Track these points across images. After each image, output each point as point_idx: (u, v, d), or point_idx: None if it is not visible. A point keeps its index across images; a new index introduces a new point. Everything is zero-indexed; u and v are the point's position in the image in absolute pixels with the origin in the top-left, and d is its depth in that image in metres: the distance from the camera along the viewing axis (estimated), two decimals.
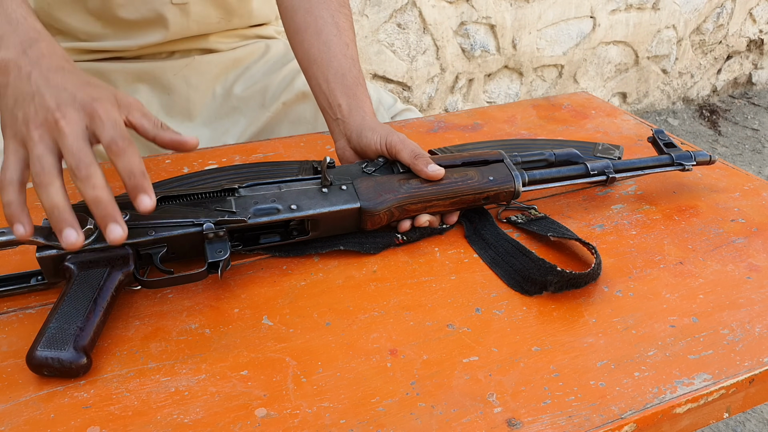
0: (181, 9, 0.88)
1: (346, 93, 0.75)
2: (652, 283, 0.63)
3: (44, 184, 0.49)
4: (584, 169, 0.72)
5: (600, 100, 1.06)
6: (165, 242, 0.58)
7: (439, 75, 2.29)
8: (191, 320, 0.57)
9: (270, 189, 0.63)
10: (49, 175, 0.49)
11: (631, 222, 0.73)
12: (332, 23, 0.79)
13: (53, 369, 0.49)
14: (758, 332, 0.57)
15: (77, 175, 0.49)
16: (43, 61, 0.54)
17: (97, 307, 0.53)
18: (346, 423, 0.47)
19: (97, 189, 0.49)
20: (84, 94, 0.52)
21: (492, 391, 0.50)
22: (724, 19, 2.86)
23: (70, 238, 0.49)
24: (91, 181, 0.49)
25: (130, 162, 0.50)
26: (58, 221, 0.49)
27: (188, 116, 0.97)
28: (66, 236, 0.49)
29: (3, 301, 0.58)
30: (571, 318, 0.58)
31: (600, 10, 2.49)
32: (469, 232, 0.69)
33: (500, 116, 0.98)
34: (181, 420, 0.47)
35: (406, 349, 0.54)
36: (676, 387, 0.51)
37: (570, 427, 0.47)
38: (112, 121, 0.51)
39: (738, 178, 0.82)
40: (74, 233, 0.49)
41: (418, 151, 0.67)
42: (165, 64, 0.94)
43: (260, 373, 0.51)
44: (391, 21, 2.11)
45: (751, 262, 0.66)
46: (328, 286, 0.61)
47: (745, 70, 3.15)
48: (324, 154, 0.85)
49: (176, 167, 0.80)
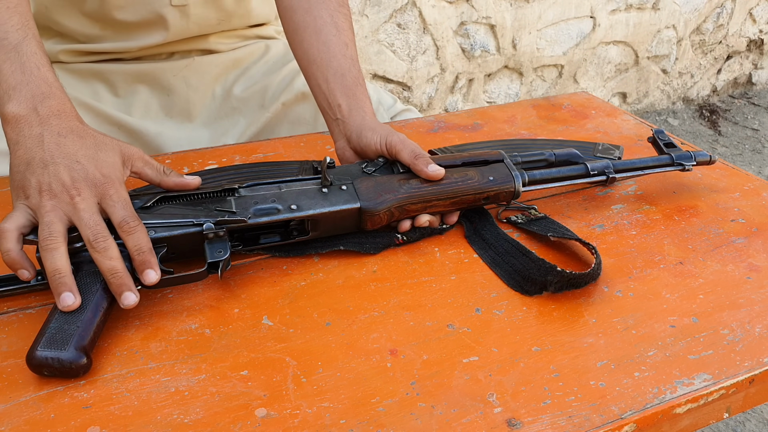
0: (181, 11, 0.88)
1: (345, 93, 0.75)
2: (652, 283, 0.63)
3: (50, 249, 0.52)
4: (584, 169, 0.72)
5: (600, 100, 1.06)
6: (165, 242, 0.58)
7: (439, 75, 2.29)
8: (191, 320, 0.57)
9: (270, 189, 0.63)
10: (56, 240, 0.53)
11: (631, 222, 0.73)
12: (331, 23, 0.79)
13: (53, 369, 0.49)
14: (758, 332, 0.57)
15: (95, 247, 0.53)
16: (53, 122, 0.57)
17: (97, 307, 0.53)
18: (346, 423, 0.47)
19: (113, 260, 0.53)
20: (96, 171, 0.56)
21: (492, 391, 0.50)
22: (724, 19, 2.86)
23: (66, 302, 0.52)
24: (108, 253, 0.53)
25: (139, 240, 0.55)
26: (59, 284, 0.52)
27: (188, 117, 0.97)
28: (63, 299, 0.52)
29: (3, 301, 0.58)
30: (571, 318, 0.58)
31: (600, 10, 2.49)
32: (469, 232, 0.69)
33: (500, 116, 0.98)
34: (181, 420, 0.47)
35: (406, 349, 0.54)
36: (676, 387, 0.51)
37: (570, 427, 0.47)
38: (123, 202, 0.56)
39: (738, 178, 0.82)
40: (71, 297, 0.52)
41: (418, 151, 0.67)
42: (165, 65, 0.93)
43: (260, 373, 0.51)
44: (391, 21, 2.11)
45: (751, 262, 0.66)
46: (328, 286, 0.61)
47: (745, 70, 3.15)
48: (324, 154, 0.85)
49: (176, 167, 0.80)
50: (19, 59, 0.59)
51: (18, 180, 0.56)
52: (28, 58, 0.59)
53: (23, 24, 0.61)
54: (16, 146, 0.57)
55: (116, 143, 0.60)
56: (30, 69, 0.59)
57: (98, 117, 0.90)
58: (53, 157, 0.55)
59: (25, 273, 0.55)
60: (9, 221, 0.54)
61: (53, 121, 0.57)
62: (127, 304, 0.54)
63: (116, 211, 0.55)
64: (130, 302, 0.54)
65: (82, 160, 0.56)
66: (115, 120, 0.91)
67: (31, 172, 0.55)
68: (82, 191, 0.55)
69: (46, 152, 0.56)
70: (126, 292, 0.54)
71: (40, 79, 0.59)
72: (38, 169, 0.55)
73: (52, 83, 0.59)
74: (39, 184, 0.55)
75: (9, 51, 0.59)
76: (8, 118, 0.57)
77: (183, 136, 0.95)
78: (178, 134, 0.95)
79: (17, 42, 0.59)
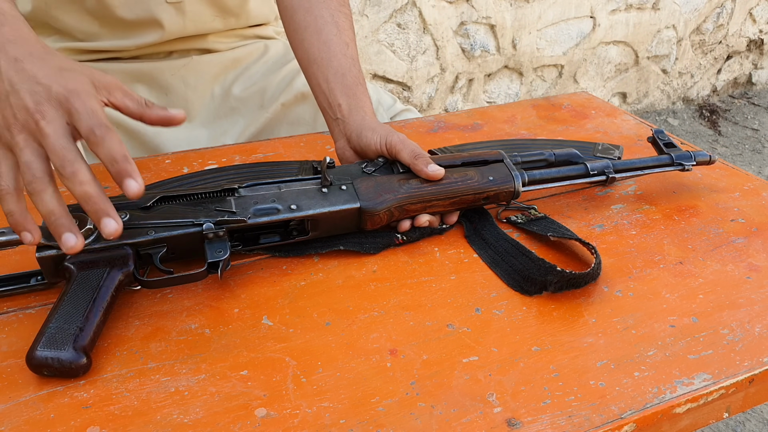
0: (176, 8, 0.88)
1: (345, 93, 0.75)
2: (652, 283, 0.63)
3: (38, 191, 0.49)
4: (584, 169, 0.72)
5: (600, 100, 1.06)
6: (165, 242, 0.58)
7: (439, 75, 2.29)
8: (191, 320, 0.57)
9: (270, 189, 0.63)
10: (41, 181, 0.48)
11: (631, 222, 0.73)
12: (332, 23, 0.79)
13: (53, 369, 0.49)
14: (758, 332, 0.57)
15: (63, 173, 0.48)
16: (9, 48, 0.52)
17: (97, 307, 0.53)
18: (346, 423, 0.47)
19: (84, 185, 0.48)
20: (59, 87, 0.50)
21: (492, 391, 0.50)
22: (724, 19, 2.86)
23: (69, 242, 0.49)
24: (77, 178, 0.48)
25: (110, 149, 0.49)
26: (56, 226, 0.49)
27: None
28: (65, 241, 0.49)
29: (3, 301, 0.58)
30: (571, 318, 0.58)
31: (600, 10, 2.49)
32: (469, 232, 0.69)
33: (500, 116, 0.98)
34: (181, 420, 0.47)
35: (406, 349, 0.54)
36: (676, 387, 0.51)
37: (570, 427, 0.47)
38: (89, 111, 0.49)
39: (738, 178, 0.82)
40: (73, 237, 0.49)
41: (418, 151, 0.67)
42: (163, 65, 0.93)
43: (260, 373, 0.51)
44: (391, 21, 2.11)
45: (751, 262, 0.66)
46: (328, 286, 0.61)
47: (745, 70, 3.15)
48: (324, 154, 0.85)
49: (176, 167, 0.80)
50: None
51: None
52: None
53: None
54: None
55: (86, 68, 0.54)
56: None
57: None
58: (13, 84, 0.50)
59: (28, 236, 0.50)
60: (2, 179, 0.49)
61: (9, 48, 0.52)
62: (108, 231, 0.49)
63: (82, 123, 0.49)
64: (111, 229, 0.49)
65: (43, 80, 0.50)
66: (113, 119, 0.91)
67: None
68: (46, 113, 0.49)
69: (5, 81, 0.50)
70: (104, 218, 0.49)
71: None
72: (2, 103, 0.50)
73: (6, 12, 0.54)
74: (4, 118, 0.49)
75: None
76: None
77: (182, 136, 0.95)
78: (177, 134, 0.95)
79: None
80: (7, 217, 0.50)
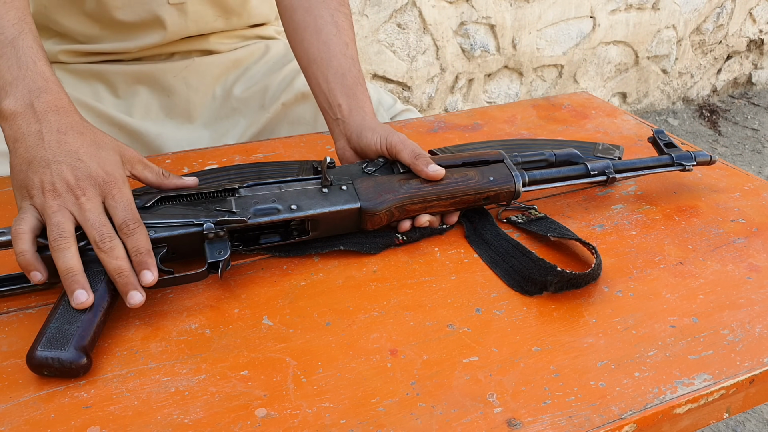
0: (179, 9, 0.88)
1: (345, 93, 0.75)
2: (652, 283, 0.63)
3: (61, 248, 0.53)
4: (584, 169, 0.72)
5: (600, 100, 1.06)
6: (165, 242, 0.58)
7: (439, 75, 2.29)
8: (191, 320, 0.57)
9: (270, 189, 0.63)
10: (66, 240, 0.53)
11: (631, 222, 0.73)
12: (332, 22, 0.79)
13: (53, 369, 0.49)
14: (758, 332, 0.57)
15: (101, 247, 0.54)
16: (52, 118, 0.57)
17: (97, 307, 0.53)
18: (346, 423, 0.47)
19: (120, 260, 0.54)
20: (99, 168, 0.56)
21: (492, 391, 0.50)
22: (724, 19, 2.86)
23: (80, 299, 0.52)
24: (114, 253, 0.54)
25: (137, 242, 0.55)
26: (72, 283, 0.52)
27: (188, 118, 0.97)
28: (77, 297, 0.52)
29: (3, 301, 0.58)
30: (571, 318, 0.58)
31: (600, 10, 2.49)
32: (469, 232, 0.69)
33: (500, 116, 0.98)
34: (181, 420, 0.47)
35: (406, 349, 0.54)
36: (676, 387, 0.51)
37: (570, 427, 0.47)
38: (125, 203, 0.56)
39: (738, 178, 0.82)
40: (84, 294, 0.52)
41: (419, 151, 0.67)
42: (165, 66, 0.93)
43: (260, 373, 0.51)
44: (391, 21, 2.11)
45: (751, 262, 0.66)
46: (328, 286, 0.61)
47: (745, 70, 3.15)
48: (324, 154, 0.85)
49: (176, 167, 0.80)
50: (15, 54, 0.58)
51: (20, 179, 0.55)
52: (24, 53, 0.58)
53: (20, 19, 0.60)
54: (15, 144, 0.56)
55: (115, 142, 0.60)
56: (26, 64, 0.58)
57: (99, 117, 0.90)
58: (55, 155, 0.55)
59: (38, 275, 0.54)
60: (22, 223, 0.53)
61: (51, 117, 0.57)
62: (134, 303, 0.54)
63: (118, 212, 0.55)
64: (136, 301, 0.54)
65: (84, 158, 0.56)
66: (115, 121, 0.91)
67: (34, 171, 0.55)
68: (86, 191, 0.55)
69: (47, 150, 0.55)
70: (132, 291, 0.54)
71: (37, 73, 0.58)
72: (40, 168, 0.55)
73: (48, 78, 0.59)
74: (42, 183, 0.54)
75: (5, 46, 0.58)
76: (5, 114, 0.57)
77: (183, 137, 0.95)
78: (179, 135, 0.95)
79: (13, 37, 0.59)
80: (17, 256, 0.53)
